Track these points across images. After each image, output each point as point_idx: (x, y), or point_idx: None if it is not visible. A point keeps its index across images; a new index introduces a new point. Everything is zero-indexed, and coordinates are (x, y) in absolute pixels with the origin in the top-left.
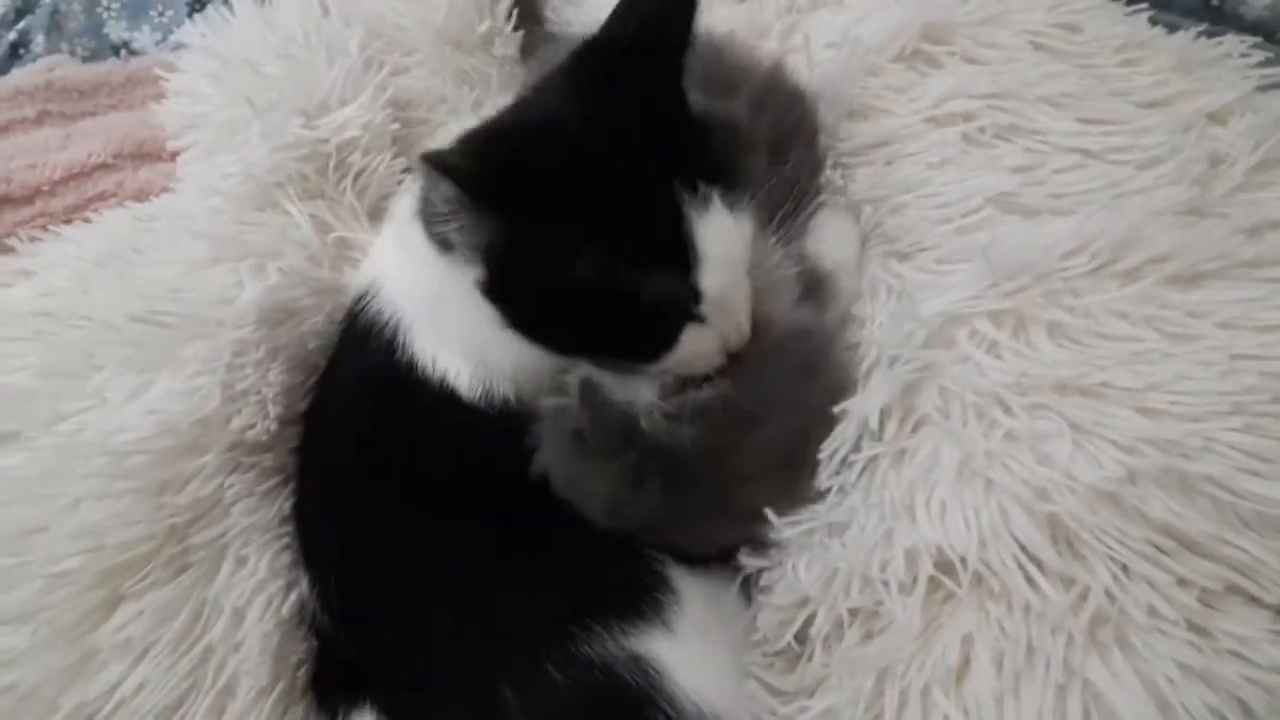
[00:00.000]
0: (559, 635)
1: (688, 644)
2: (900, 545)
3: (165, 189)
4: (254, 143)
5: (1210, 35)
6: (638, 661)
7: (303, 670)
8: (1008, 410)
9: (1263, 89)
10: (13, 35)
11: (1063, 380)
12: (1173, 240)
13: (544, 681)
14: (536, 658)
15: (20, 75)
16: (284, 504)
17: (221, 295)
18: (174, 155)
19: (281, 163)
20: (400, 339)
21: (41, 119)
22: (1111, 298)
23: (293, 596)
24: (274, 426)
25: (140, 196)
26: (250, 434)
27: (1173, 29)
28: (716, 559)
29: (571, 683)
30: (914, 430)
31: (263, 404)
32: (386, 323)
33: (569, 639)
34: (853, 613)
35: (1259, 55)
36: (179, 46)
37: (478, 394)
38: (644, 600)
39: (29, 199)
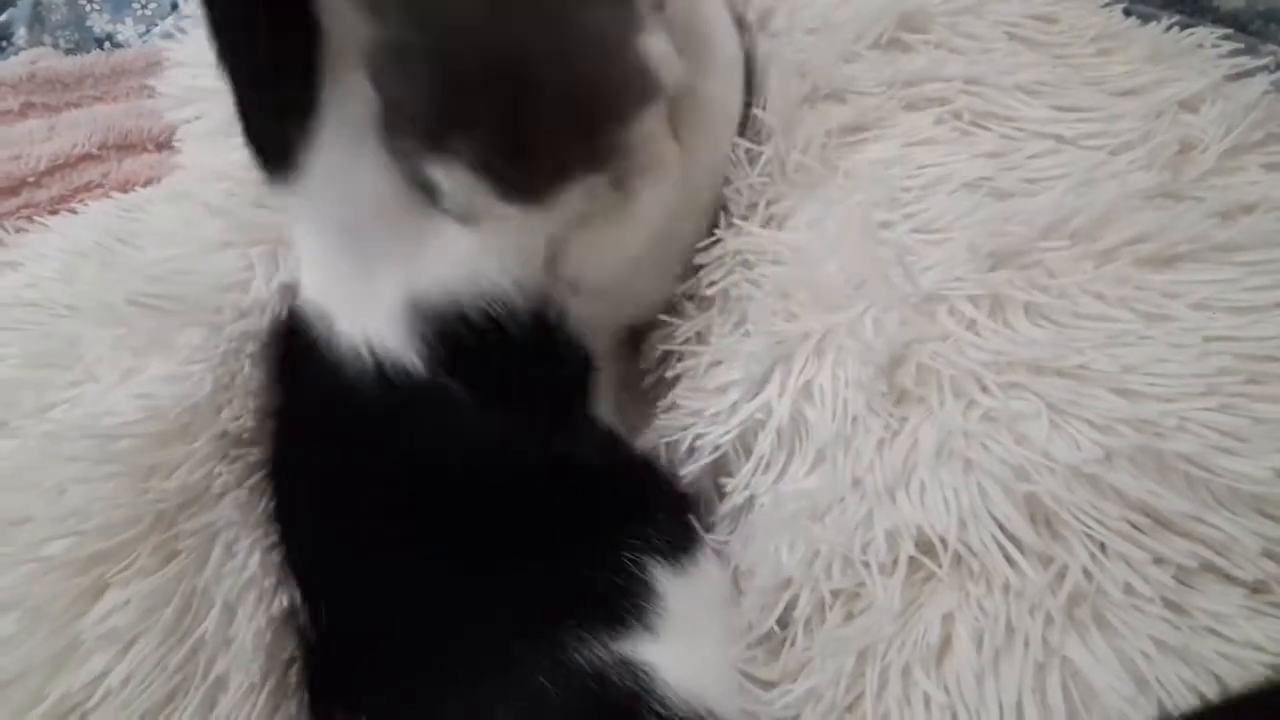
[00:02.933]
0: (549, 645)
1: (673, 645)
2: (881, 526)
3: (151, 179)
4: None
5: (1183, 27)
6: (627, 665)
7: (295, 668)
8: (985, 389)
9: (1233, 77)
10: None
11: (1040, 360)
12: (1148, 221)
13: (537, 694)
14: (528, 669)
15: (2, 67)
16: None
17: (227, 281)
18: (159, 146)
19: None
20: (326, 333)
21: (25, 110)
22: (1088, 278)
23: (283, 593)
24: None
25: (125, 187)
26: (235, 425)
27: (1147, 20)
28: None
29: (564, 692)
30: (895, 405)
31: (251, 398)
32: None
33: (559, 648)
34: (835, 594)
35: (1230, 45)
36: (168, 36)
37: (424, 357)
38: (626, 607)
39: (14, 190)
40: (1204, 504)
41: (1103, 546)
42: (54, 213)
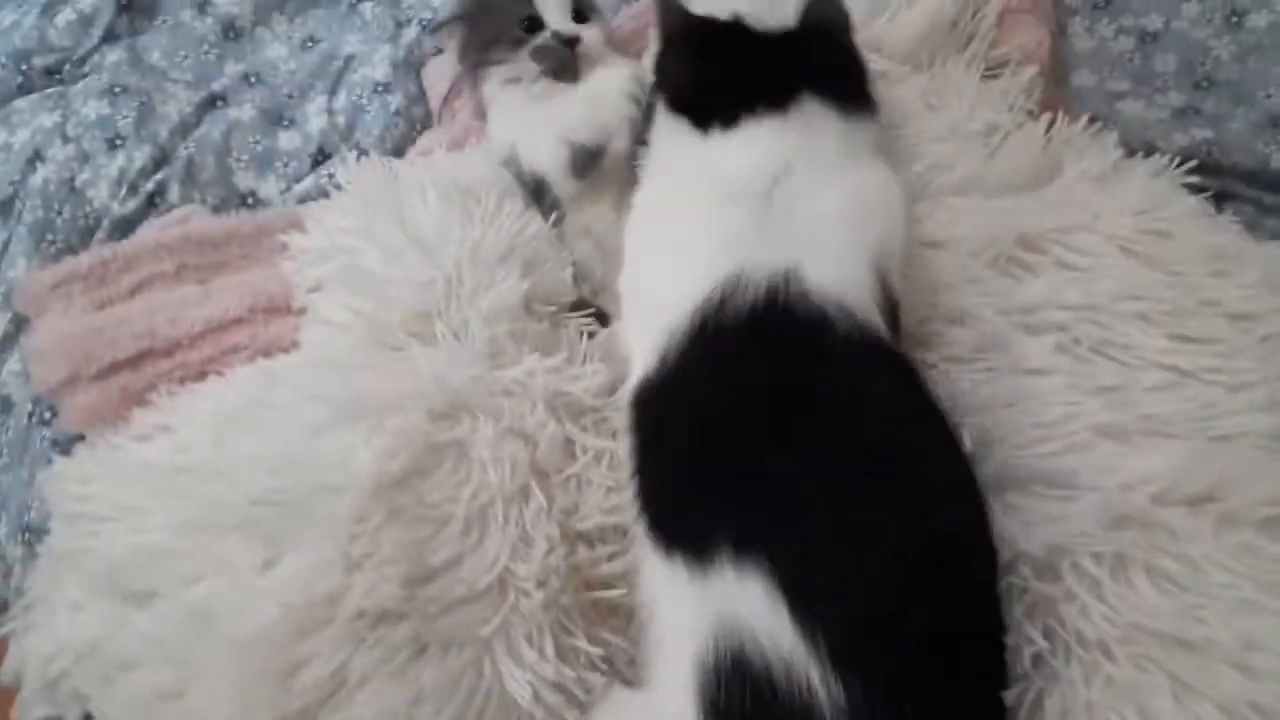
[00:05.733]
0: None
1: None
2: None
3: (294, 343)
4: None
5: None
6: None
7: None
8: (1110, 656)
9: None
10: (150, 185)
11: (1164, 630)
12: (1268, 483)
13: None
14: None
15: (159, 228)
16: (416, 682)
17: (337, 462)
18: (302, 310)
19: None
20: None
21: (180, 273)
22: (1209, 547)
23: None
24: (396, 590)
25: (270, 350)
26: (371, 602)
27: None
28: None
29: None
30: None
31: (381, 567)
32: None
33: None
34: None
35: None
36: (305, 200)
37: None
38: None
39: (169, 353)
40: None
41: None
42: (203, 374)
